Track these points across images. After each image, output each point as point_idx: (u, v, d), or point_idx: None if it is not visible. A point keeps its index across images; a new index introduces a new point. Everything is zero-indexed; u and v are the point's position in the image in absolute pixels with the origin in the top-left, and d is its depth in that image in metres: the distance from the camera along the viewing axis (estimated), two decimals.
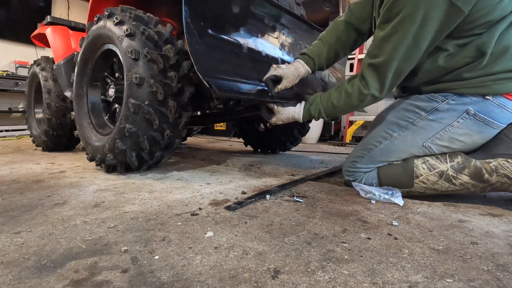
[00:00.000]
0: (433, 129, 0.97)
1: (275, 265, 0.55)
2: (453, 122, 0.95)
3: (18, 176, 1.33)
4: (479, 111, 0.91)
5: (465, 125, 0.94)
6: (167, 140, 1.31)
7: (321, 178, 1.38)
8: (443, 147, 0.97)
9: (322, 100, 1.10)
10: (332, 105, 1.07)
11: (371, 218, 0.81)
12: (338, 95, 1.05)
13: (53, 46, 2.15)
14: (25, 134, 4.08)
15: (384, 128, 1.07)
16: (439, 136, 0.97)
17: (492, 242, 0.67)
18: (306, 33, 1.61)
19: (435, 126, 0.97)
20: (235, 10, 1.17)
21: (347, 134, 3.42)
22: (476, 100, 0.92)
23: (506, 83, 0.88)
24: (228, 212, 0.85)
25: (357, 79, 1.01)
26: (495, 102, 0.90)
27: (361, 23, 1.18)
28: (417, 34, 0.86)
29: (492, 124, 0.92)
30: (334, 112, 1.09)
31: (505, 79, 0.88)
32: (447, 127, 0.96)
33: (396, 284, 0.49)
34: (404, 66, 0.92)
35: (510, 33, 0.86)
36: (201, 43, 1.02)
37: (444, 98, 0.96)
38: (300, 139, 2.24)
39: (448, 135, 0.96)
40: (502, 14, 0.83)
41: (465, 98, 0.93)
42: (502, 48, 0.86)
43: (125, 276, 0.51)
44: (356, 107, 1.05)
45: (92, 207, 0.88)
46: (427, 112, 0.98)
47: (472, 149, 0.98)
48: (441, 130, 0.96)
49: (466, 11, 0.81)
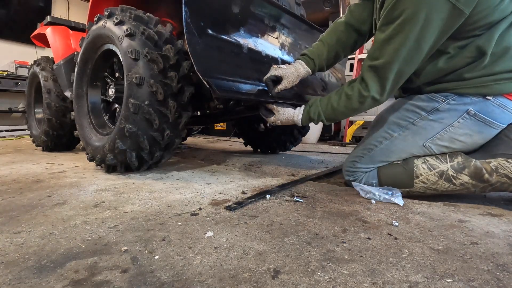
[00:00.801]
0: (434, 129, 0.97)
1: (275, 265, 0.55)
2: (453, 122, 0.95)
3: (18, 176, 1.33)
4: (480, 111, 0.91)
5: (465, 125, 0.94)
6: (167, 140, 1.31)
7: (321, 178, 1.38)
8: (444, 147, 0.97)
9: (321, 103, 1.09)
10: (332, 108, 1.06)
11: (371, 218, 0.81)
12: (338, 98, 1.04)
13: (53, 46, 2.15)
14: (25, 134, 4.08)
15: (384, 128, 1.07)
16: (439, 136, 0.97)
17: (492, 242, 0.67)
18: (306, 33, 1.61)
19: (436, 126, 0.97)
20: (235, 10, 1.17)
21: (347, 134, 3.42)
22: (476, 100, 0.92)
23: (507, 83, 0.88)
24: (228, 212, 0.85)
25: (357, 82, 1.00)
26: (496, 103, 0.90)
27: (361, 24, 1.18)
28: (418, 36, 0.85)
29: (492, 125, 0.92)
30: (334, 115, 1.07)
31: (506, 79, 0.88)
32: (447, 127, 0.96)
33: (396, 284, 0.49)
34: (405, 69, 0.91)
35: (511, 34, 0.86)
36: (201, 43, 1.02)
37: (445, 98, 0.96)
38: (300, 139, 2.25)
39: (449, 135, 0.96)
40: (502, 15, 0.84)
41: (466, 98, 0.93)
42: (503, 48, 0.86)
43: (125, 276, 0.51)
44: (357, 110, 1.03)
45: (92, 207, 0.88)
46: (428, 112, 0.98)
47: (472, 149, 0.98)
48: (441, 130, 0.96)
49: (467, 12, 0.81)
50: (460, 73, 0.92)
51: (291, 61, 1.52)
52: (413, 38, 0.86)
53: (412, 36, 0.86)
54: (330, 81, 1.83)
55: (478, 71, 0.89)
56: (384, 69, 0.92)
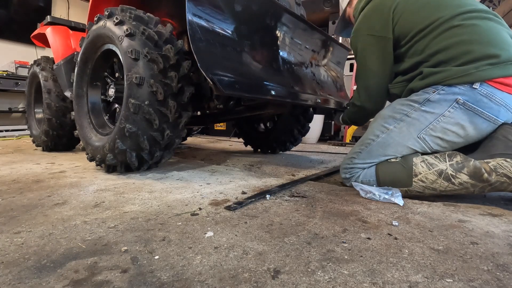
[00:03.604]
0: (426, 120, 1.00)
1: (275, 265, 0.55)
2: (444, 112, 0.97)
3: (18, 176, 1.33)
4: (468, 100, 0.94)
5: (456, 115, 0.96)
6: (167, 140, 1.31)
7: (321, 178, 1.38)
8: (437, 138, 0.99)
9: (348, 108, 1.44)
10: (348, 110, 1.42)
11: (371, 218, 0.81)
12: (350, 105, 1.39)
13: (53, 46, 2.15)
14: (25, 134, 4.08)
15: (380, 122, 1.10)
16: (432, 127, 0.99)
17: (492, 242, 0.67)
18: (306, 33, 1.61)
19: (428, 117, 1.00)
20: (237, 8, 1.17)
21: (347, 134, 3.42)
22: (464, 89, 0.95)
23: (488, 70, 0.92)
24: (228, 212, 0.85)
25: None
26: (483, 92, 0.93)
27: None
28: (361, 59, 1.20)
29: (482, 114, 0.94)
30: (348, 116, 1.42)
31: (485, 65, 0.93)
32: (439, 117, 0.98)
33: (396, 284, 0.49)
34: (366, 83, 1.22)
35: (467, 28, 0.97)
36: (204, 40, 1.02)
37: (435, 89, 1.00)
38: (300, 139, 2.25)
39: (441, 125, 0.98)
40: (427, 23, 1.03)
41: (454, 88, 0.96)
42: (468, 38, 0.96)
43: (125, 276, 0.51)
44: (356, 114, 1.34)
45: (92, 207, 0.88)
46: (420, 103, 1.02)
47: (467, 144, 1.00)
48: (433, 120, 0.99)
49: (390, 36, 1.10)
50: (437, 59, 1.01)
51: (291, 60, 1.53)
52: (358, 62, 1.21)
53: (358, 61, 1.22)
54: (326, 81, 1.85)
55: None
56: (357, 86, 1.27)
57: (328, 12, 3.90)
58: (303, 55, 1.63)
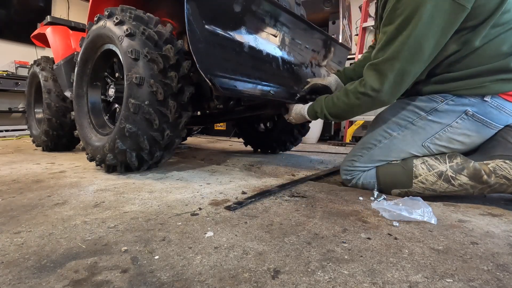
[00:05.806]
0: (432, 129, 0.98)
1: (275, 265, 0.55)
2: (452, 123, 0.95)
3: (18, 176, 1.33)
4: (478, 112, 0.92)
5: (463, 126, 0.94)
6: (167, 140, 1.31)
7: (321, 178, 1.38)
8: (442, 147, 0.98)
9: (326, 98, 1.16)
10: (333, 102, 1.10)
11: (371, 218, 0.81)
12: (338, 94, 1.09)
13: (53, 46, 2.14)
14: (25, 134, 4.08)
15: (383, 127, 1.07)
16: (438, 136, 0.97)
17: (492, 242, 0.67)
18: (305, 33, 1.61)
19: (434, 127, 0.98)
20: (237, 8, 1.17)
21: (347, 134, 3.42)
22: (474, 101, 0.92)
23: (504, 84, 0.89)
24: (228, 212, 0.85)
25: (358, 80, 1.03)
26: (493, 104, 0.91)
27: None
28: (420, 35, 0.84)
29: (490, 125, 0.93)
30: (334, 109, 1.10)
31: (503, 80, 0.89)
32: (446, 127, 0.96)
33: (396, 284, 0.49)
34: (408, 68, 0.89)
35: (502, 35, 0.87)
36: (203, 41, 1.02)
37: (444, 98, 0.96)
38: (300, 139, 2.25)
39: (447, 135, 0.96)
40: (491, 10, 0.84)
41: (464, 99, 0.94)
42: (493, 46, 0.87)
43: (125, 276, 0.51)
44: (356, 107, 1.04)
45: (92, 207, 0.88)
46: (427, 112, 0.99)
47: (470, 149, 0.99)
48: (440, 130, 0.97)
49: (469, 7, 0.81)
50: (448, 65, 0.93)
51: (291, 60, 1.53)
52: (414, 37, 0.85)
53: (414, 34, 0.85)
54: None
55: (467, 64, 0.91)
56: (383, 66, 0.92)
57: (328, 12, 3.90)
58: (303, 55, 1.63)
